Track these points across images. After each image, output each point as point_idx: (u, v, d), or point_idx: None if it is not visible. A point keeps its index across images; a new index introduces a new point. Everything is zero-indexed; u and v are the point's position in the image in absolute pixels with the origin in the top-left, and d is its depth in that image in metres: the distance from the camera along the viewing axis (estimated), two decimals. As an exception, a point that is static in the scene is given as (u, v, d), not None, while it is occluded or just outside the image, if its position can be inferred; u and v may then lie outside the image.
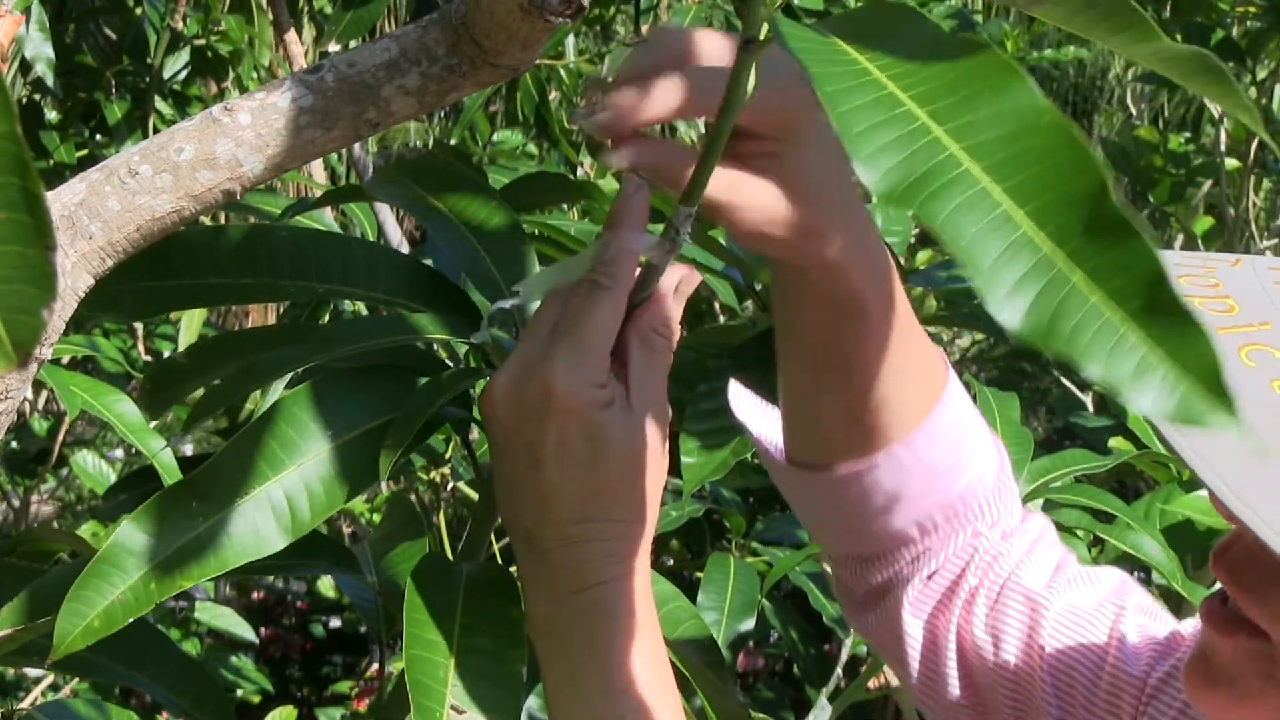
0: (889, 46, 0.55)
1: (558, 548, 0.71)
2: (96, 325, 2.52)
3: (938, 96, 0.52)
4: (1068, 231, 0.50)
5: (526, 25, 0.68)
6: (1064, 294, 0.49)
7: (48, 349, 0.70)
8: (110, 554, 0.69)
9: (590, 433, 0.70)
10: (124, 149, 0.69)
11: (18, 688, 3.15)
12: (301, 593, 4.52)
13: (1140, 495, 2.04)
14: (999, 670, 0.88)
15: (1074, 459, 1.49)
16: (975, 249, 0.49)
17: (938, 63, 0.53)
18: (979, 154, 0.51)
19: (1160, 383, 0.48)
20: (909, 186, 0.51)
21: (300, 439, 0.73)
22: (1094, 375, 0.48)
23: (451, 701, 0.70)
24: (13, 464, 2.90)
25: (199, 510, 0.70)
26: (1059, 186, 0.50)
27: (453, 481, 1.91)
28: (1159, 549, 1.45)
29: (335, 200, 1.29)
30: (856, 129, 0.52)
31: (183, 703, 0.91)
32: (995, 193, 0.50)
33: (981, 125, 0.52)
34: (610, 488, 0.71)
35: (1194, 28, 2.84)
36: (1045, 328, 0.49)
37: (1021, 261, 0.49)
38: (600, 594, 0.71)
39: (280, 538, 0.71)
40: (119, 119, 2.45)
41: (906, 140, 0.51)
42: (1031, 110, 0.52)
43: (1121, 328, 0.49)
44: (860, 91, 0.53)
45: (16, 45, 2.09)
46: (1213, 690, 0.74)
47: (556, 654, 0.72)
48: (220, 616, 2.90)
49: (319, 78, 0.70)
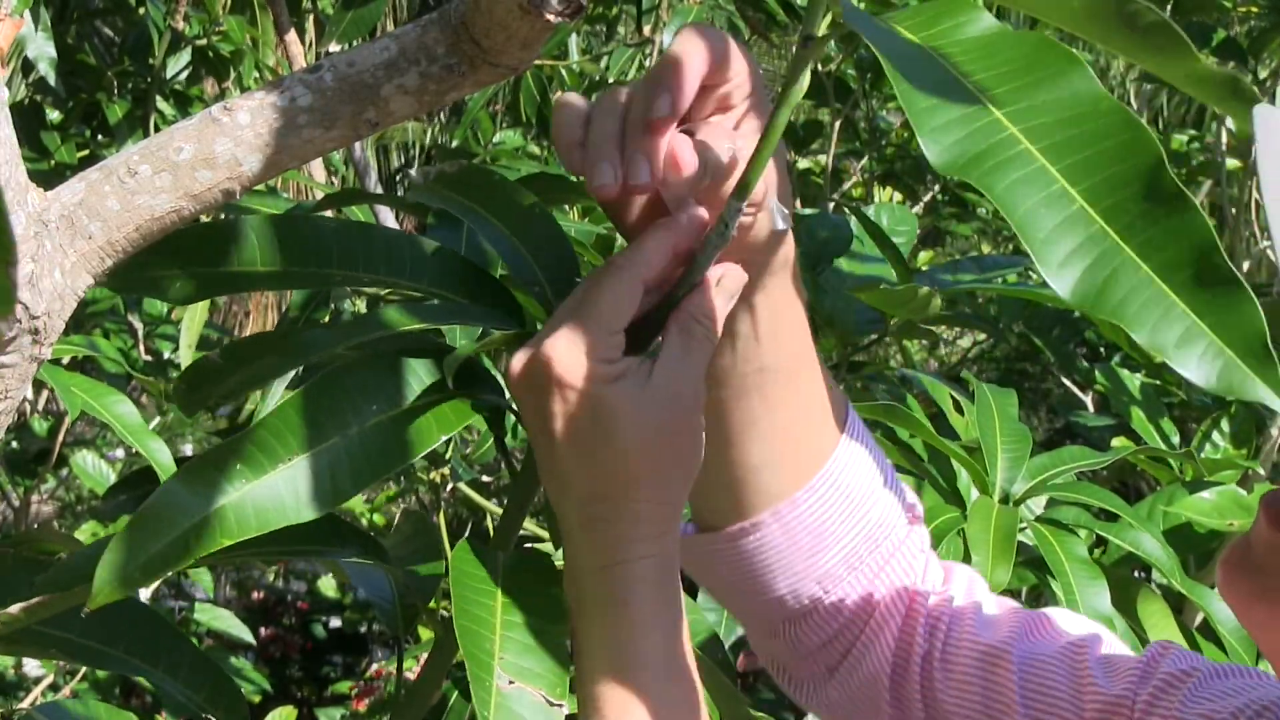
0: (952, 37, 0.58)
1: (579, 525, 0.72)
2: (97, 325, 2.52)
3: (999, 82, 0.56)
4: (1122, 207, 0.53)
5: (526, 24, 0.68)
6: (1116, 265, 0.52)
7: (47, 349, 0.70)
8: (153, 509, 0.69)
9: (595, 408, 0.69)
10: (124, 149, 0.69)
11: (18, 688, 3.15)
12: (301, 592, 4.52)
13: (1141, 495, 2.04)
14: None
15: (1072, 456, 1.49)
16: (1031, 221, 0.53)
17: (999, 51, 0.57)
18: (1037, 135, 0.54)
19: (1204, 351, 0.51)
20: (969, 161, 0.54)
21: (345, 411, 0.74)
22: (1141, 340, 0.52)
23: (500, 672, 0.71)
24: (13, 464, 2.90)
25: (241, 472, 0.70)
26: (1114, 166, 0.53)
27: (452, 482, 1.91)
28: (1159, 547, 1.44)
29: (336, 203, 1.28)
30: (920, 105, 0.55)
31: (198, 699, 0.91)
32: (1051, 171, 0.54)
33: (1040, 109, 0.55)
34: (626, 468, 0.70)
35: (1195, 27, 2.84)
36: (1095, 296, 0.52)
37: (1075, 234, 0.53)
38: (620, 573, 0.71)
39: (320, 504, 0.72)
40: (120, 119, 2.45)
41: (967, 119, 0.55)
42: (1090, 96, 0.55)
43: (1169, 297, 0.52)
44: (926, 74, 0.56)
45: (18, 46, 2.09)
46: (1241, 576, 0.74)
47: (581, 626, 0.73)
48: (219, 618, 2.90)
49: (318, 77, 0.70)
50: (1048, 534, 1.37)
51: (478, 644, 0.72)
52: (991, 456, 1.43)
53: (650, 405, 0.70)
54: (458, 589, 0.74)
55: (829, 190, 3.38)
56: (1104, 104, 0.55)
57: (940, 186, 3.29)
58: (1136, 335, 0.52)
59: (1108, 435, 2.36)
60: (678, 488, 0.72)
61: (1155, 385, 2.21)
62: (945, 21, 0.59)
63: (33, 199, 0.67)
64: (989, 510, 1.36)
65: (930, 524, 1.38)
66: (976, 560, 1.30)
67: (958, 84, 0.56)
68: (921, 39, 0.58)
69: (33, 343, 0.68)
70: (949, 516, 1.40)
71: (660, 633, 0.72)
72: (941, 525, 1.38)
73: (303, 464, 0.72)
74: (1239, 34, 3.13)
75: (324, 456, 0.72)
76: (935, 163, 0.54)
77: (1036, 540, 1.37)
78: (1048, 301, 2.05)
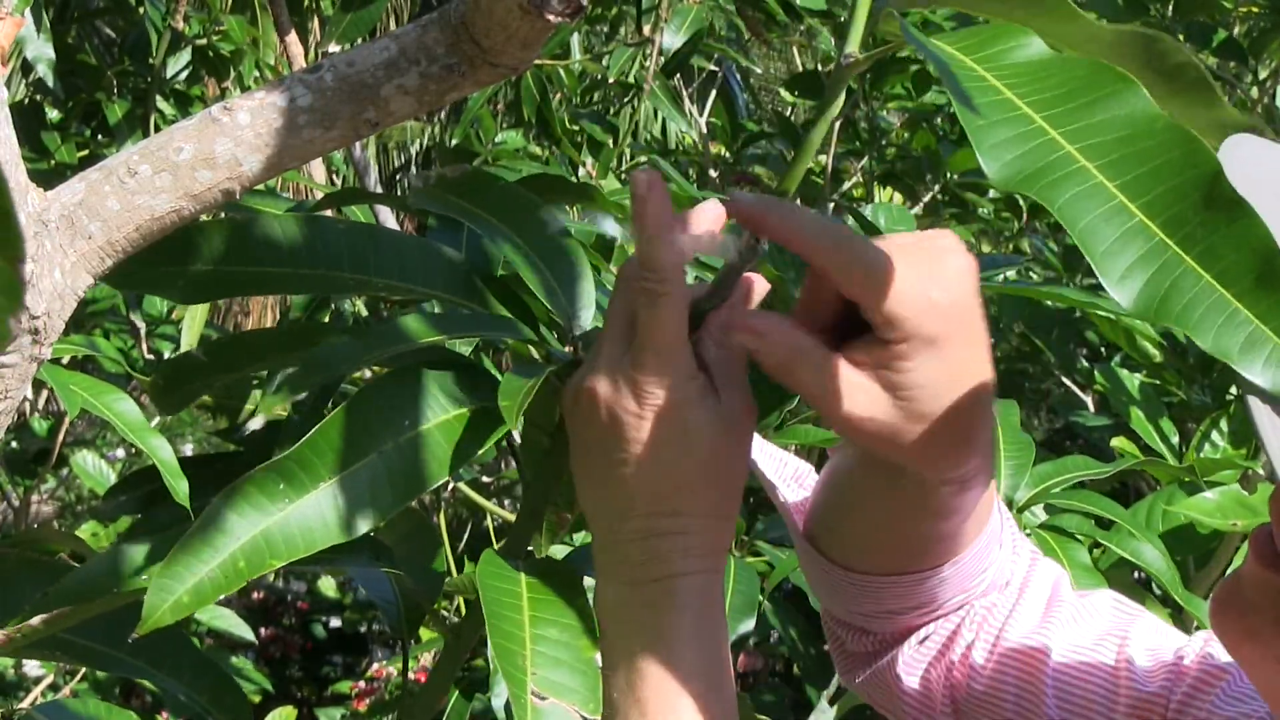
0: (1006, 60, 0.60)
1: (639, 539, 0.72)
2: (97, 325, 2.52)
3: (1054, 104, 0.58)
4: (1181, 218, 0.54)
5: (526, 25, 0.68)
6: (1176, 275, 0.54)
7: (47, 349, 0.70)
8: (202, 532, 0.70)
9: (683, 428, 0.71)
10: (124, 149, 0.69)
11: (18, 688, 3.15)
12: (302, 592, 4.52)
13: (1141, 495, 2.04)
14: (998, 714, 0.87)
15: (1075, 465, 1.49)
16: (1091, 234, 0.55)
17: (1054, 74, 0.59)
18: (1093, 153, 0.56)
19: (1269, 355, 0.52)
20: (1027, 177, 0.56)
21: (381, 427, 0.74)
22: (1206, 347, 0.53)
23: (533, 688, 0.72)
24: (13, 464, 2.90)
25: (285, 493, 0.71)
26: (1171, 180, 0.55)
27: (453, 482, 1.91)
28: (1158, 556, 1.44)
29: (336, 202, 1.28)
30: (977, 124, 0.57)
31: (201, 700, 0.91)
32: (1110, 187, 0.55)
33: (1096, 129, 0.57)
34: (696, 481, 0.72)
35: (1196, 27, 2.84)
36: (1157, 306, 0.54)
37: (1134, 248, 0.54)
38: (674, 585, 0.72)
39: (362, 522, 0.72)
40: (120, 119, 2.45)
41: (1024, 138, 0.57)
42: (1145, 116, 0.57)
43: (1232, 304, 0.53)
44: (980, 94, 0.58)
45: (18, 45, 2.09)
46: (1229, 612, 0.73)
47: (621, 638, 0.73)
48: (220, 617, 2.90)
49: (318, 77, 0.70)
50: (1051, 541, 1.37)
51: (512, 661, 0.73)
52: (995, 465, 1.44)
53: (723, 421, 0.72)
54: (490, 605, 0.75)
55: (829, 190, 3.37)
56: (1159, 122, 0.56)
57: (940, 187, 3.28)
58: (1201, 342, 0.53)
59: (1107, 435, 2.36)
60: (736, 501, 0.74)
61: (1155, 385, 2.21)
62: (999, 44, 0.61)
63: (33, 199, 0.67)
64: (990, 513, 1.36)
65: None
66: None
67: (1012, 104, 0.58)
68: (976, 60, 0.60)
69: (33, 343, 0.68)
70: (950, 519, 1.40)
71: (713, 643, 0.73)
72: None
73: (344, 482, 0.72)
74: (1239, 34, 3.13)
75: (364, 474, 0.73)
76: (994, 178, 0.56)
77: (1039, 547, 1.37)
78: (1048, 300, 2.05)
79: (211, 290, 0.82)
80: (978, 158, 0.56)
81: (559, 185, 1.12)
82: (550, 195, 1.25)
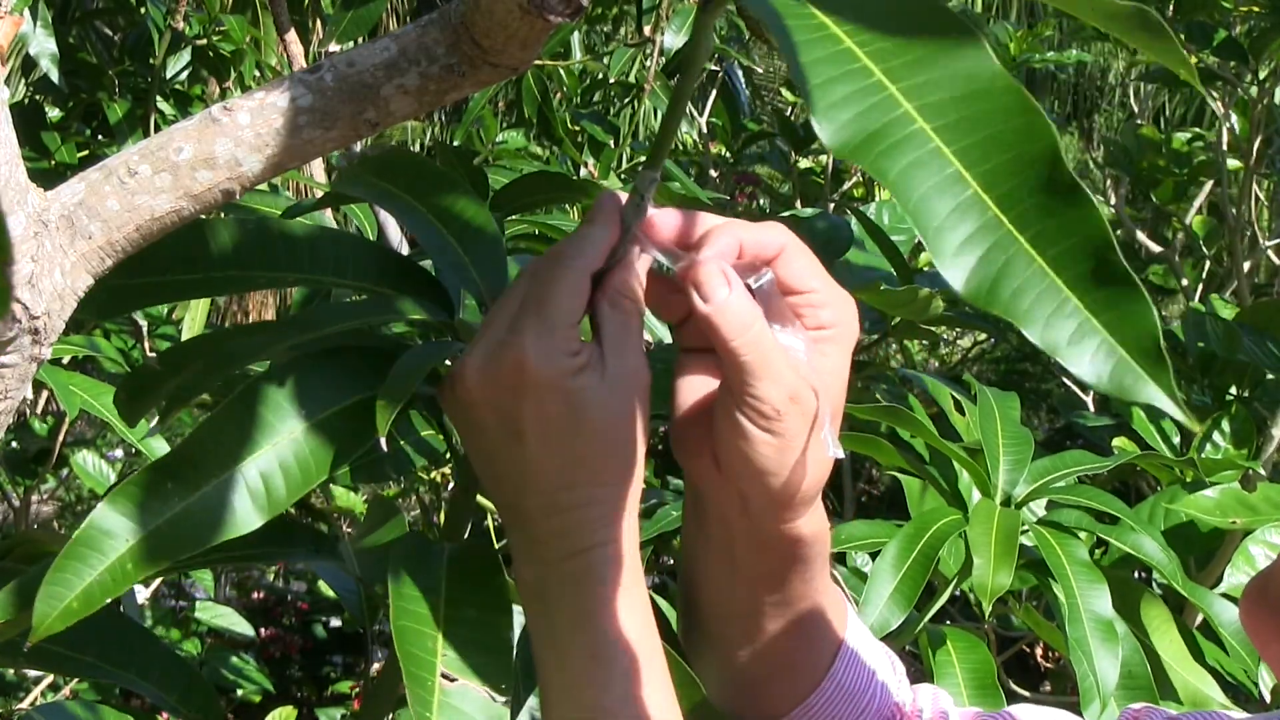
0: (850, 5, 0.55)
1: (543, 517, 0.71)
2: (97, 325, 2.52)
3: (893, 54, 0.52)
4: (1017, 195, 0.50)
5: (526, 25, 0.68)
6: (1009, 255, 0.50)
7: (47, 349, 0.70)
8: (87, 536, 0.69)
9: (569, 401, 0.70)
10: (124, 149, 0.69)
11: (18, 688, 3.15)
12: (302, 592, 4.52)
13: (1142, 495, 2.04)
14: None
15: (1074, 460, 1.48)
16: (924, 207, 0.50)
17: (895, 22, 0.54)
18: (931, 114, 0.51)
19: (1096, 350, 0.49)
20: (862, 142, 0.51)
21: (274, 418, 0.73)
22: (1033, 337, 0.49)
23: (443, 670, 0.70)
24: (13, 464, 2.90)
25: (174, 491, 0.70)
26: (1010, 151, 0.50)
27: (453, 481, 1.91)
28: (1159, 550, 1.44)
29: (335, 201, 1.28)
30: (815, 81, 0.52)
31: (170, 699, 0.91)
32: (946, 153, 0.51)
33: (934, 85, 0.52)
34: (593, 453, 0.71)
35: (1196, 27, 2.84)
36: (988, 289, 0.50)
37: (969, 221, 0.50)
38: (590, 559, 0.71)
39: (256, 516, 0.71)
40: (120, 119, 2.45)
41: (861, 95, 0.52)
42: (985, 74, 0.52)
43: (1064, 292, 0.49)
44: (820, 45, 0.53)
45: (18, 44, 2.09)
46: (1260, 609, 0.74)
47: (544, 618, 0.72)
48: (220, 616, 2.90)
49: (318, 77, 0.70)
50: (1049, 537, 1.37)
51: (417, 643, 0.71)
52: (993, 459, 1.43)
53: (614, 389, 0.71)
54: (395, 587, 0.73)
55: (829, 190, 3.38)
56: (1000, 81, 0.52)
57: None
58: (1028, 332, 0.49)
59: (1108, 435, 2.36)
60: (637, 461, 0.73)
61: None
62: None
63: (33, 199, 0.67)
64: (991, 513, 1.36)
65: (932, 526, 1.38)
66: (978, 562, 1.29)
67: (853, 55, 0.53)
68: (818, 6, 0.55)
69: (33, 343, 0.68)
70: (951, 519, 1.39)
71: (637, 611, 0.71)
72: (943, 528, 1.38)
73: (237, 475, 0.71)
74: (1239, 34, 3.13)
75: (257, 466, 0.72)
76: (831, 144, 0.51)
77: (1038, 543, 1.37)
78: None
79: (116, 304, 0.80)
80: (813, 123, 0.51)
81: (559, 184, 1.12)
82: (551, 194, 1.25)
